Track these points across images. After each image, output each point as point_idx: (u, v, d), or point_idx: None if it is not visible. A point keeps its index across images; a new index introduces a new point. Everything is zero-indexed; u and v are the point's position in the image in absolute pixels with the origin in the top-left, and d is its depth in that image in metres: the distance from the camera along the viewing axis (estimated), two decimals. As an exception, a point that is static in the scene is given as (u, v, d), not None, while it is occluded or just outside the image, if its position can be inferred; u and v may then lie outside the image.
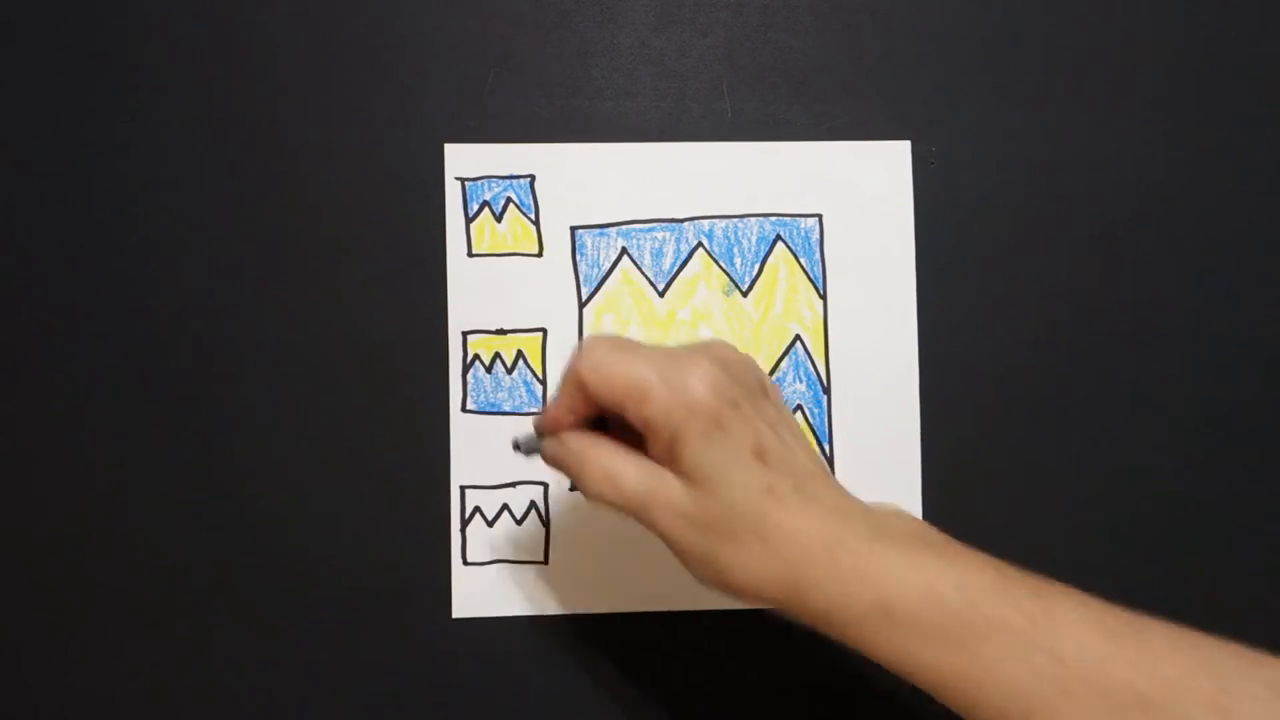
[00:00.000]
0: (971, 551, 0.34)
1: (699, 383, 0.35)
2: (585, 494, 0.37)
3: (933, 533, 0.35)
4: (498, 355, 0.50)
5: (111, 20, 0.49)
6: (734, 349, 0.38)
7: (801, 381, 0.51)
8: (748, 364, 0.38)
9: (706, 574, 0.35)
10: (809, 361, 0.51)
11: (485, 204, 0.50)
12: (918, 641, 0.32)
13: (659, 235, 0.51)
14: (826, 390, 0.51)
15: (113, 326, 0.49)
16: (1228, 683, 0.30)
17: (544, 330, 0.50)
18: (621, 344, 0.36)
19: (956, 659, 0.32)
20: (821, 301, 0.51)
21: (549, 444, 0.38)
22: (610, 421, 0.38)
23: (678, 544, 0.36)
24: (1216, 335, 0.51)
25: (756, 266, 0.51)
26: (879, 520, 0.35)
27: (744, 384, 0.36)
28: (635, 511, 0.36)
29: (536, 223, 0.50)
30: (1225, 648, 0.31)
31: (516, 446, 0.41)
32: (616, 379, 0.35)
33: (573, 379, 0.36)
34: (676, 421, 0.34)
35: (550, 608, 0.50)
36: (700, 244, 0.51)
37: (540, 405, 0.50)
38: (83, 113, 0.49)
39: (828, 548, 0.33)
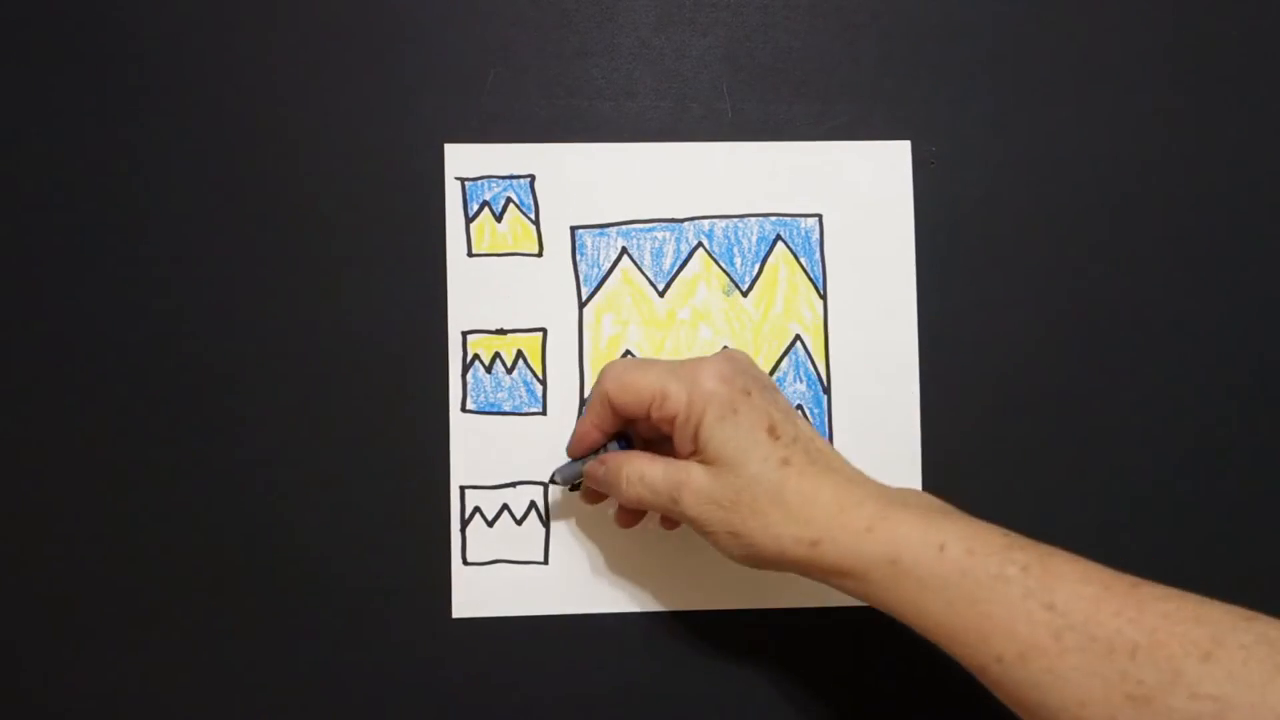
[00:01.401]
0: (985, 522, 0.37)
1: (710, 376, 0.40)
2: (623, 499, 0.43)
3: (951, 507, 0.39)
4: (498, 355, 0.50)
5: (109, 21, 0.49)
6: (745, 354, 0.43)
7: (801, 381, 0.51)
8: (754, 364, 0.43)
9: (734, 547, 0.39)
10: (809, 361, 0.51)
11: (485, 204, 0.50)
12: (923, 592, 0.35)
13: (659, 235, 0.51)
14: (826, 390, 0.51)
15: (111, 327, 0.49)
16: (1217, 631, 0.31)
17: (544, 330, 0.50)
18: (639, 361, 0.43)
19: (958, 607, 0.35)
20: (821, 301, 0.51)
21: (591, 466, 0.44)
22: (634, 438, 0.44)
23: (706, 525, 0.40)
24: (1217, 334, 0.51)
25: (756, 266, 0.51)
26: (895, 492, 0.39)
27: (753, 375, 0.41)
28: (666, 504, 0.41)
29: (536, 223, 0.50)
30: (1217, 604, 0.33)
31: (554, 480, 0.46)
32: (639, 388, 0.41)
33: (599, 396, 0.42)
34: (696, 412, 0.39)
35: (550, 608, 0.50)
36: (700, 244, 0.51)
37: (540, 405, 0.50)
38: (81, 116, 0.49)
39: (843, 509, 0.37)
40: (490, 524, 0.50)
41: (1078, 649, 0.32)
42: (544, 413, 0.50)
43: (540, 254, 0.50)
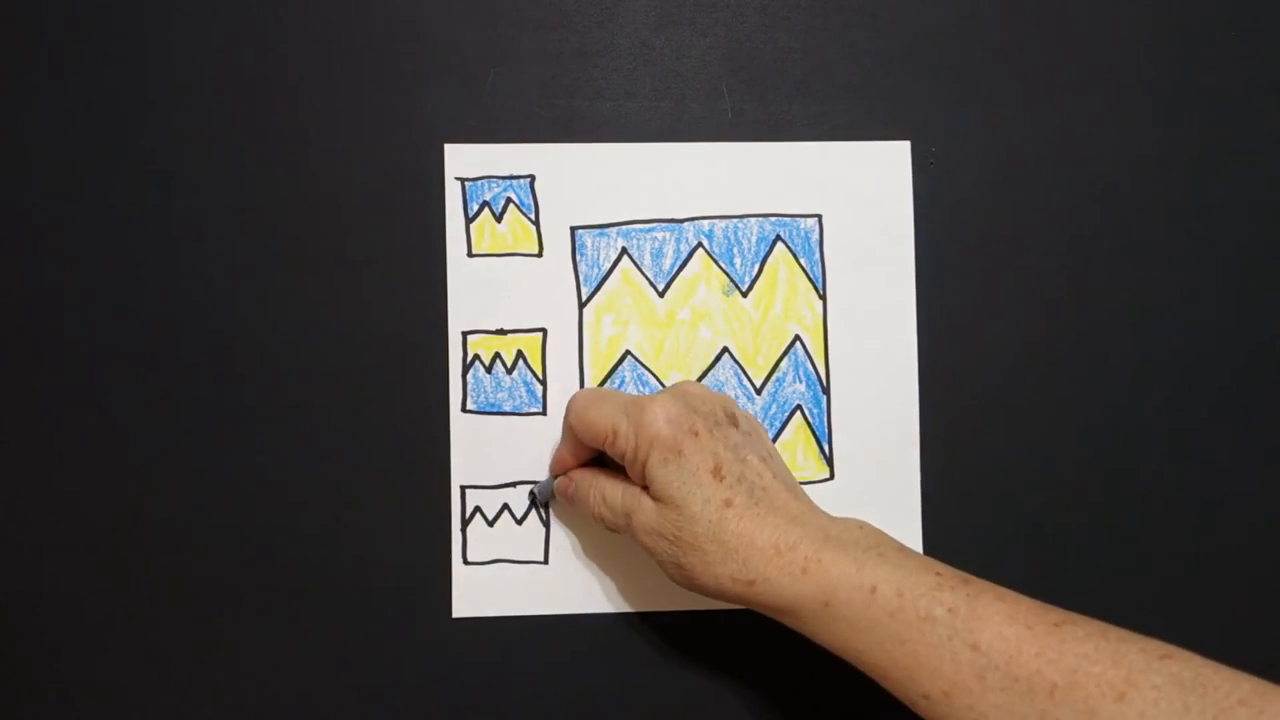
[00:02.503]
0: (918, 558, 0.39)
1: (657, 417, 0.40)
2: (588, 515, 0.45)
3: (888, 544, 0.40)
4: (498, 355, 0.50)
5: (106, 21, 0.49)
6: (701, 387, 0.44)
7: (801, 381, 0.51)
8: (712, 398, 0.43)
9: (678, 576, 0.41)
10: (809, 361, 0.51)
11: (485, 204, 0.50)
12: (854, 632, 0.37)
13: (659, 235, 0.51)
14: (826, 390, 0.51)
15: (108, 328, 0.49)
16: (1131, 672, 0.33)
17: (544, 330, 0.50)
18: (599, 395, 0.44)
19: (887, 647, 0.37)
20: (821, 301, 0.51)
21: (561, 481, 0.47)
22: (606, 456, 0.45)
23: (653, 553, 0.42)
24: (1218, 334, 0.51)
25: (756, 266, 0.51)
26: (835, 529, 0.40)
27: (704, 413, 0.42)
28: (622, 526, 0.43)
29: (536, 223, 0.50)
30: (1136, 641, 0.34)
31: (533, 496, 0.49)
32: (595, 425, 0.43)
33: (566, 426, 0.45)
34: (642, 454, 0.41)
35: (550, 608, 0.50)
36: (700, 244, 0.51)
37: (540, 405, 0.50)
38: (76, 117, 0.49)
39: (779, 551, 0.39)
40: (491, 524, 0.50)
41: (1000, 689, 0.34)
42: (544, 413, 0.50)
43: (540, 254, 0.50)
